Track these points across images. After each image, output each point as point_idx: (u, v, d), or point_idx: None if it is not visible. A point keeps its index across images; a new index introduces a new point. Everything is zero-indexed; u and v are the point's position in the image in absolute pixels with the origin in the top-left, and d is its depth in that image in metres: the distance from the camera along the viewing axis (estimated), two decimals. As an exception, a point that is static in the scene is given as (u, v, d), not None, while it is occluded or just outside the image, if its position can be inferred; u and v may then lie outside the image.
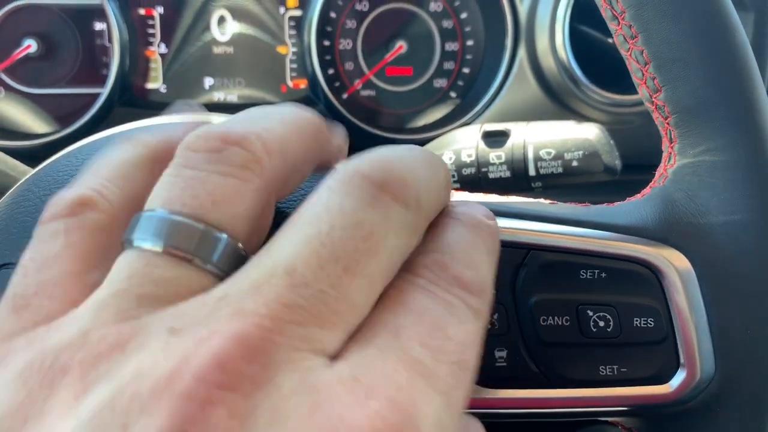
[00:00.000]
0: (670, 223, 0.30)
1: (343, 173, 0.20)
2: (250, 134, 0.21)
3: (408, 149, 0.22)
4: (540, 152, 0.44)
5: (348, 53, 0.62)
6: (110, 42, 0.59)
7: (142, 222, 0.20)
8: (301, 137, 0.23)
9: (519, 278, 0.31)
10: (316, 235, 0.19)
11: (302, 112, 0.24)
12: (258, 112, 0.23)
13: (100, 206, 0.22)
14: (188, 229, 0.20)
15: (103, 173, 0.23)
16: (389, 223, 0.20)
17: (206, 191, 0.20)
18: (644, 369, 0.30)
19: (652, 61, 0.30)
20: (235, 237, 0.20)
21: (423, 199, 0.21)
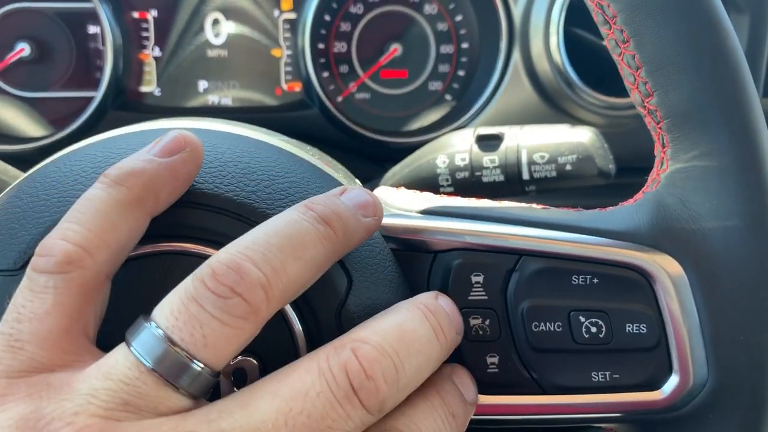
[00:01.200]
0: (663, 229, 0.30)
1: (335, 360, 0.24)
2: (258, 284, 0.24)
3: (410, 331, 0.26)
4: (534, 156, 0.44)
5: (342, 56, 0.62)
6: (104, 45, 0.59)
7: (144, 333, 0.24)
8: (313, 272, 0.26)
9: (510, 284, 0.31)
10: (286, 412, 0.23)
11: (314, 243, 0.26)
12: (283, 237, 0.25)
13: (86, 265, 0.25)
14: (178, 362, 0.23)
15: (90, 225, 0.25)
16: (348, 425, 0.24)
17: (202, 334, 0.24)
18: (636, 375, 0.30)
19: (644, 66, 0.30)
20: (214, 371, 0.24)
21: (388, 406, 0.25)
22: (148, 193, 0.26)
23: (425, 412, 0.27)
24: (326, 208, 0.27)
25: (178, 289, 0.24)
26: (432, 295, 0.29)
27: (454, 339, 0.29)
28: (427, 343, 0.27)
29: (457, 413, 0.28)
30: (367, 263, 0.29)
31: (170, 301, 0.24)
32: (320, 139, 0.60)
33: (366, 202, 0.29)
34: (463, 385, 0.29)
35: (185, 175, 0.28)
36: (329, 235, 0.26)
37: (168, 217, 0.28)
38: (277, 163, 0.30)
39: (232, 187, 0.28)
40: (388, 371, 0.25)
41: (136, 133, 0.32)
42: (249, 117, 0.62)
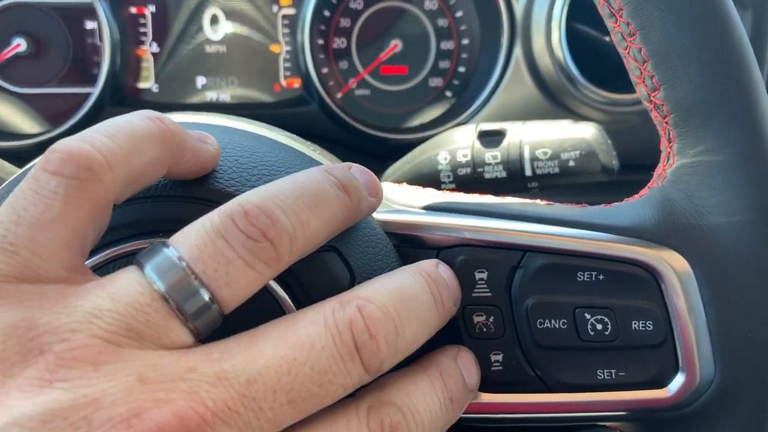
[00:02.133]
0: (669, 225, 0.30)
1: (341, 315, 0.24)
2: (286, 233, 0.24)
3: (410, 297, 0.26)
4: (536, 152, 0.43)
5: (342, 52, 0.62)
6: (101, 41, 0.58)
7: (162, 258, 0.23)
8: (328, 234, 0.26)
9: (515, 280, 0.30)
10: (290, 360, 0.23)
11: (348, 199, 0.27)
12: (309, 194, 0.25)
13: (104, 178, 0.23)
14: (196, 296, 0.23)
15: (117, 138, 0.24)
16: (347, 381, 0.24)
17: (226, 272, 0.23)
18: (642, 373, 0.30)
19: (651, 59, 0.30)
20: (225, 311, 0.24)
21: (385, 367, 0.25)
22: (178, 144, 0.26)
23: (425, 391, 0.27)
24: (345, 177, 0.27)
25: (203, 221, 0.24)
26: (433, 262, 0.29)
27: (451, 309, 0.29)
28: (427, 310, 0.27)
29: (456, 398, 0.28)
30: (369, 259, 0.29)
31: (194, 232, 0.23)
32: (320, 136, 0.59)
33: (371, 182, 0.30)
34: (467, 369, 0.29)
35: (206, 162, 0.28)
36: (346, 202, 0.27)
37: (166, 211, 0.27)
38: (279, 158, 0.30)
39: (232, 182, 0.28)
40: (390, 333, 0.25)
41: None
42: (247, 113, 0.61)
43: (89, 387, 0.20)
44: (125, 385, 0.21)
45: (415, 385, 0.27)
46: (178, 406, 0.21)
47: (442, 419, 0.27)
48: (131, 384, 0.21)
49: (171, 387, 0.21)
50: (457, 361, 0.29)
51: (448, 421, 0.28)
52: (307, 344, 0.23)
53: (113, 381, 0.21)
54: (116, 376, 0.21)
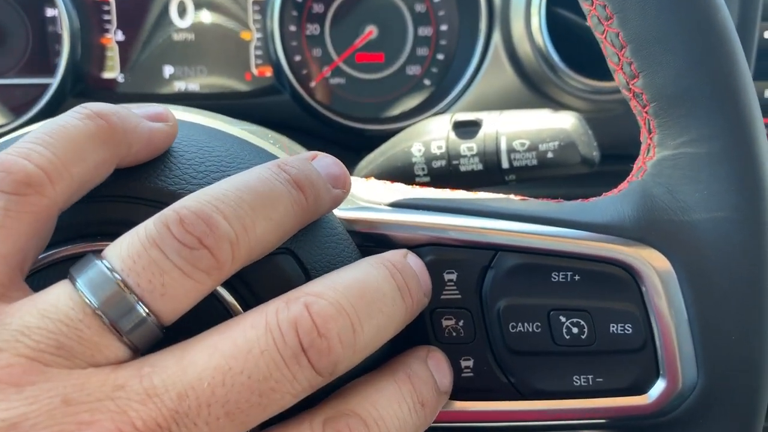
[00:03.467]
0: (649, 221, 0.28)
1: (285, 315, 0.22)
2: (226, 239, 0.22)
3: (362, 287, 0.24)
4: (513, 143, 0.41)
5: (315, 39, 0.59)
6: (61, 29, 0.56)
7: (94, 271, 0.22)
8: (279, 236, 0.25)
9: (486, 282, 0.29)
10: (224, 370, 0.21)
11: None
12: (255, 194, 0.24)
13: (45, 192, 0.22)
14: (131, 310, 0.22)
15: (58, 149, 0.23)
16: (294, 387, 0.22)
17: (161, 283, 0.22)
18: (621, 379, 0.29)
19: (629, 45, 0.28)
20: (164, 323, 0.22)
21: (341, 368, 0.23)
22: (123, 138, 0.25)
23: (391, 397, 0.25)
24: (300, 173, 0.25)
25: (137, 231, 0.23)
26: (400, 252, 0.27)
27: (421, 301, 0.27)
28: (390, 303, 0.25)
29: (428, 402, 0.26)
30: (328, 261, 0.27)
31: (127, 243, 0.22)
32: (293, 127, 0.58)
33: (337, 172, 0.28)
34: (438, 370, 0.28)
35: (159, 144, 0.26)
36: (300, 200, 0.25)
37: (106, 212, 0.25)
38: (229, 152, 0.28)
39: (176, 180, 0.26)
40: (344, 330, 0.23)
41: None
42: (218, 104, 0.59)
43: (9, 410, 0.20)
44: (48, 407, 0.20)
45: (381, 392, 0.25)
46: (104, 428, 0.20)
47: (412, 426, 0.26)
48: (54, 406, 0.20)
49: (97, 407, 0.20)
50: (427, 362, 0.28)
51: (420, 427, 0.26)
52: (244, 350, 0.21)
53: (36, 404, 0.20)
54: (39, 398, 0.20)
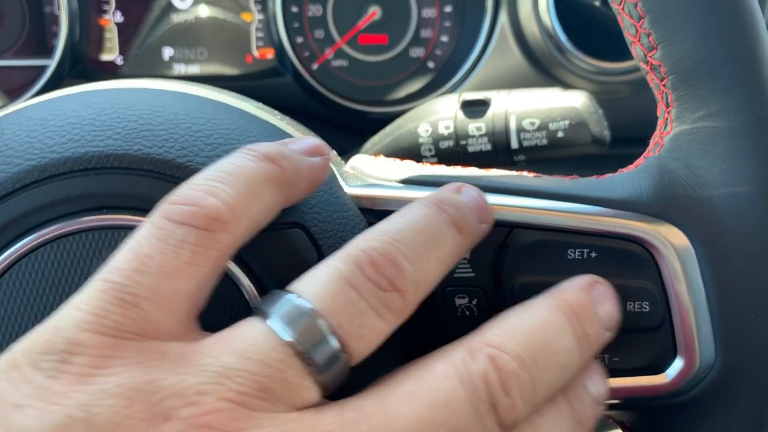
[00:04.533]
0: (667, 197, 0.28)
1: (475, 368, 0.22)
2: (413, 281, 0.23)
3: None
4: (523, 123, 0.41)
5: (317, 20, 0.59)
6: (58, 9, 0.55)
7: (287, 306, 0.22)
8: (443, 272, 0.25)
9: (501, 260, 0.28)
10: (427, 421, 0.21)
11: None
12: (427, 236, 0.24)
13: (231, 230, 0.22)
14: (331, 350, 0.21)
15: (237, 186, 0.23)
16: None
17: (360, 324, 0.22)
18: (638, 358, 0.28)
19: (647, 15, 0.27)
20: (352, 364, 0.22)
21: (520, 423, 0.23)
22: (293, 180, 0.25)
23: (551, 420, 0.24)
24: (458, 212, 0.26)
25: (327, 269, 0.23)
26: (581, 285, 0.26)
27: (602, 342, 0.26)
28: (569, 355, 0.24)
29: (584, 419, 0.26)
30: (338, 236, 0.26)
31: (321, 281, 0.22)
32: (295, 110, 0.56)
33: (483, 205, 0.28)
34: (592, 382, 0.26)
35: (319, 180, 0.27)
36: (459, 240, 0.26)
37: (111, 184, 0.25)
38: (238, 125, 0.27)
39: (184, 152, 0.25)
40: (526, 387, 0.23)
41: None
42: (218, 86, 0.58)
43: None
44: None
45: (540, 416, 0.24)
46: None
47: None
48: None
49: None
50: (582, 375, 0.26)
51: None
52: (443, 402, 0.21)
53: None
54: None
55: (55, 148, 0.25)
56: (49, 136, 0.25)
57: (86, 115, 0.26)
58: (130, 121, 0.25)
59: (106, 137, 0.25)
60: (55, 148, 0.25)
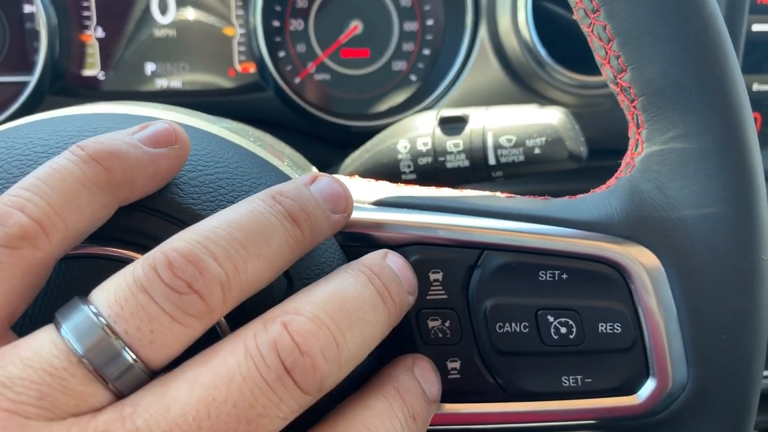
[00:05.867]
0: (638, 218, 0.28)
1: (264, 337, 0.21)
2: (217, 282, 0.22)
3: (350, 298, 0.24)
4: (500, 139, 0.41)
5: (299, 34, 0.59)
6: (39, 26, 0.54)
7: (80, 317, 0.21)
8: (272, 273, 0.24)
9: (472, 281, 0.28)
10: (208, 401, 0.20)
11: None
12: (247, 231, 0.23)
13: (40, 245, 0.22)
14: (118, 358, 0.21)
15: (52, 197, 0.22)
16: (283, 410, 0.21)
17: (150, 329, 0.21)
18: (610, 379, 0.28)
19: (616, 38, 0.28)
20: (153, 369, 0.21)
21: (328, 384, 0.22)
22: (125, 180, 0.23)
23: (383, 414, 0.24)
24: (295, 203, 0.24)
25: (125, 273, 0.22)
26: (379, 254, 0.26)
27: (405, 301, 0.26)
28: (371, 310, 0.24)
29: (418, 414, 0.26)
30: (310, 262, 0.26)
31: (115, 287, 0.22)
32: (277, 124, 0.57)
33: (336, 194, 0.26)
34: (426, 380, 0.27)
35: (166, 172, 0.25)
36: (295, 234, 0.24)
37: None
38: (207, 151, 0.27)
39: None
40: (327, 345, 0.22)
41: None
42: (201, 101, 0.58)
43: None
44: None
45: (371, 410, 0.24)
46: None
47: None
48: None
49: None
50: (414, 371, 0.27)
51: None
52: (226, 379, 0.21)
53: None
54: None
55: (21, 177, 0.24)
56: (15, 165, 0.25)
57: (53, 143, 0.26)
58: None
59: None
60: (20, 177, 0.24)
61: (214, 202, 0.25)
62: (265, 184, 0.27)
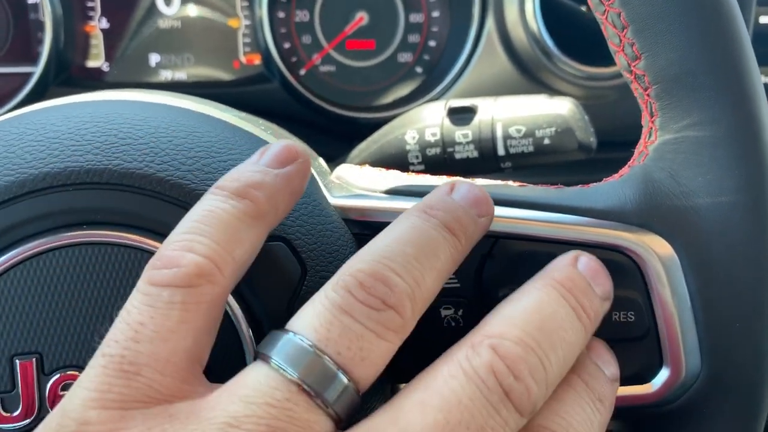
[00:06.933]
0: (651, 206, 0.28)
1: (478, 361, 0.22)
2: (406, 296, 0.23)
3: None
4: (509, 130, 0.41)
5: (305, 26, 0.58)
6: (43, 16, 0.54)
7: (289, 346, 0.22)
8: (442, 282, 0.25)
9: (485, 270, 0.28)
10: (443, 424, 0.21)
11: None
12: (417, 246, 0.24)
13: (216, 280, 0.23)
14: (334, 379, 0.21)
15: (215, 235, 0.23)
16: (506, 431, 0.22)
17: (360, 347, 0.22)
18: (624, 368, 0.28)
19: (631, 25, 0.27)
20: (362, 390, 0.22)
21: (539, 406, 0.23)
22: (270, 207, 0.25)
23: (572, 402, 0.25)
24: (447, 215, 0.25)
25: (318, 300, 0.23)
26: (568, 260, 0.26)
27: (600, 312, 0.26)
28: (570, 329, 0.24)
29: (604, 396, 0.26)
30: (323, 250, 0.26)
31: (313, 313, 0.22)
32: (282, 116, 0.56)
33: (479, 198, 0.27)
34: (603, 361, 0.27)
35: (300, 187, 0.26)
36: (456, 244, 0.25)
37: (93, 201, 0.24)
38: (220, 138, 0.27)
39: (165, 166, 0.25)
40: (536, 368, 0.23)
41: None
42: (205, 92, 0.58)
43: None
44: None
45: (561, 402, 0.25)
46: None
47: (598, 425, 0.25)
48: None
49: None
50: (591, 356, 0.27)
51: (604, 423, 0.26)
52: (455, 402, 0.21)
53: None
54: None
55: (34, 164, 0.24)
56: (28, 151, 0.25)
57: (66, 129, 0.25)
58: (110, 135, 0.25)
59: (86, 152, 0.25)
60: (33, 163, 0.24)
61: None
62: (278, 172, 0.27)
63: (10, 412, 0.24)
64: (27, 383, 0.24)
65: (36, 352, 0.24)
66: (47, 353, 0.24)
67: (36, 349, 0.24)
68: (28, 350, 0.24)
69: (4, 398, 0.24)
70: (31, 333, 0.24)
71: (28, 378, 0.24)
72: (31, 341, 0.24)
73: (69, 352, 0.24)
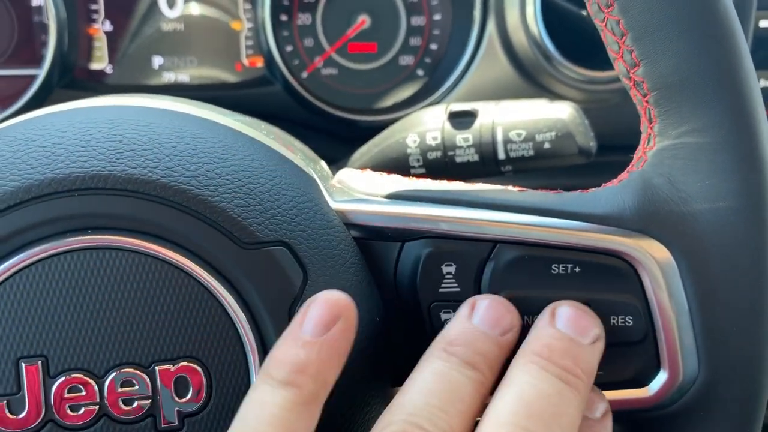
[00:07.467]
0: (650, 212, 0.28)
1: None
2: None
3: None
4: (510, 134, 0.41)
5: (307, 29, 0.59)
6: (47, 19, 0.54)
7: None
8: (471, 420, 0.25)
9: (485, 274, 0.28)
10: None
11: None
12: (439, 394, 0.24)
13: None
14: None
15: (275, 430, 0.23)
16: None
17: None
18: (622, 371, 0.29)
19: (630, 32, 0.28)
20: None
21: None
22: (319, 386, 0.24)
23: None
24: (467, 350, 0.25)
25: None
26: (544, 322, 0.26)
27: (592, 359, 0.26)
28: (560, 402, 0.24)
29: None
30: (325, 255, 0.26)
31: None
32: (284, 118, 0.57)
33: (499, 316, 0.27)
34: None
35: (346, 348, 0.25)
36: (479, 378, 0.25)
37: (98, 206, 0.25)
38: (223, 143, 0.27)
39: (169, 172, 0.25)
40: None
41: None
42: (208, 95, 0.58)
43: None
44: None
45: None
46: None
47: None
48: None
49: None
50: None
51: None
52: None
53: None
54: None
55: (40, 169, 0.25)
56: (33, 157, 0.25)
57: (71, 134, 0.26)
58: (115, 141, 0.25)
59: (91, 157, 0.25)
60: (39, 168, 0.25)
61: (230, 194, 0.25)
62: (280, 176, 0.27)
63: (16, 414, 0.24)
64: (33, 386, 0.24)
65: (41, 355, 0.24)
66: (53, 356, 0.24)
67: (41, 352, 0.24)
68: (34, 353, 0.24)
69: (10, 401, 0.24)
70: (36, 336, 0.24)
71: (33, 381, 0.24)
72: (37, 344, 0.24)
73: (74, 355, 0.24)
